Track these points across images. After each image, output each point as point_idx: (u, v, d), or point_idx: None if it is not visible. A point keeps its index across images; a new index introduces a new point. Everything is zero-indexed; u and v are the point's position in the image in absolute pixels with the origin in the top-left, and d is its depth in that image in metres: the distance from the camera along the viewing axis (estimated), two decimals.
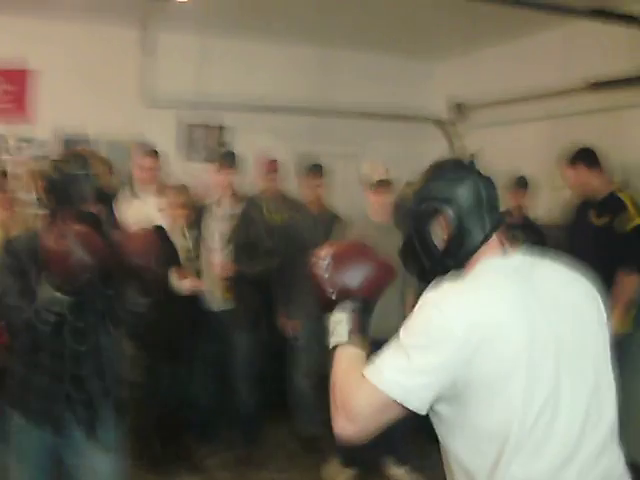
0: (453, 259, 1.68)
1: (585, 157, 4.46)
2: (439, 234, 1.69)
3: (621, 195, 4.39)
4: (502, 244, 1.70)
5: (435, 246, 1.70)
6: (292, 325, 4.96)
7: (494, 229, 1.69)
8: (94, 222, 2.48)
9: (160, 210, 4.53)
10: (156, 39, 5.97)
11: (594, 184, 4.45)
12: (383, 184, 4.47)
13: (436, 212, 1.69)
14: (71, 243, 2.30)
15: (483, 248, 1.67)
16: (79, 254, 2.30)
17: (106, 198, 2.62)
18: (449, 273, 1.68)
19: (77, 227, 2.37)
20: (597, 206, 4.48)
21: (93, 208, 2.52)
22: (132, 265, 2.53)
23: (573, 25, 5.18)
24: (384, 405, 1.52)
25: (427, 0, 4.26)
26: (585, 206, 4.58)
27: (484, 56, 6.49)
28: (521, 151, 5.89)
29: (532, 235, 4.97)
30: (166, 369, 4.45)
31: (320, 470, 4.64)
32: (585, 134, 4.61)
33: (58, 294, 2.36)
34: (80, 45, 5.91)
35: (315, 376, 4.73)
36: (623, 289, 4.23)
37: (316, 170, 5.12)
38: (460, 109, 6.75)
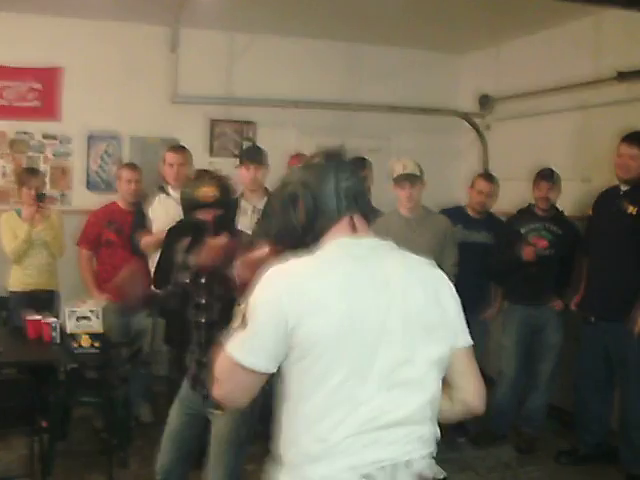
0: (310, 237, 1.86)
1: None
2: (299, 214, 1.87)
3: None
4: (354, 227, 1.87)
5: (295, 225, 1.88)
6: None
7: (347, 212, 1.86)
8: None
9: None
10: (183, 36, 5.99)
11: (635, 168, 4.40)
12: (408, 178, 4.45)
13: (296, 195, 1.87)
14: None
15: (335, 228, 1.85)
16: None
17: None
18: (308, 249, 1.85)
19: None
20: (626, 192, 4.45)
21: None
22: None
23: (602, 14, 5.10)
24: (233, 368, 1.74)
25: None
26: (615, 194, 4.54)
27: (511, 48, 6.42)
28: (549, 143, 5.82)
29: (560, 227, 4.92)
30: None
31: None
32: (614, 125, 4.54)
33: None
34: (108, 43, 5.96)
35: None
36: None
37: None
38: (487, 101, 6.68)
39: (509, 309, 5.21)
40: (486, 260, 5.04)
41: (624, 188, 4.49)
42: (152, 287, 4.53)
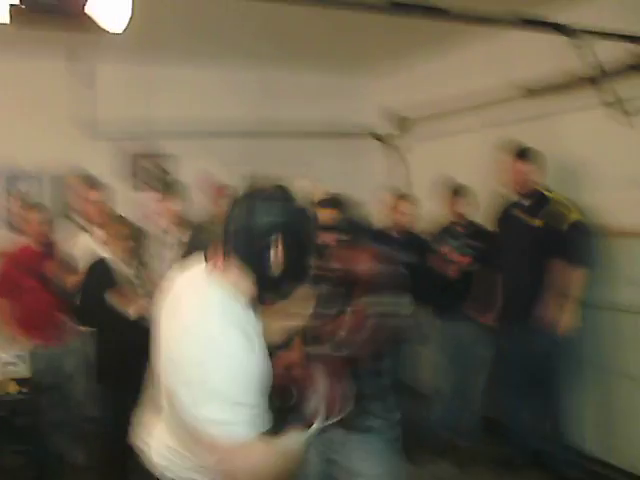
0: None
1: (530, 154, 4.65)
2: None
3: (550, 195, 4.59)
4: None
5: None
6: None
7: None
8: None
9: (103, 242, 4.50)
10: (93, 70, 5.93)
11: (532, 182, 4.63)
12: (332, 201, 4.49)
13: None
14: None
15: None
16: None
17: None
18: None
19: None
20: (528, 206, 4.65)
21: None
22: None
23: (504, 35, 5.27)
24: None
25: (358, 18, 4.30)
26: (513, 206, 4.74)
27: (417, 69, 6.59)
28: (464, 161, 5.96)
29: (482, 241, 5.04)
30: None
31: None
32: (524, 140, 4.71)
33: None
34: (23, 80, 5.89)
35: None
36: (573, 284, 4.40)
37: None
38: (396, 121, 6.84)
39: (441, 326, 5.29)
40: (414, 279, 5.11)
41: (526, 202, 4.68)
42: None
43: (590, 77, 4.55)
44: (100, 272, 4.25)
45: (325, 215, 3.04)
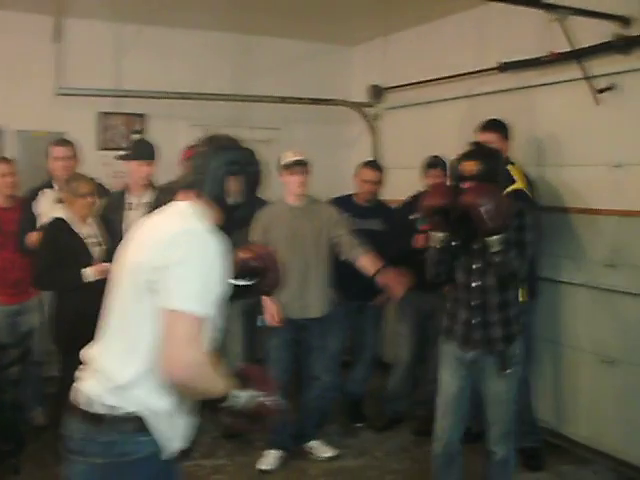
0: None
1: (500, 126, 4.56)
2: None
3: (508, 168, 4.45)
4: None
5: None
6: None
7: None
8: None
9: (58, 201, 4.41)
10: (67, 26, 5.79)
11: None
12: (300, 163, 4.48)
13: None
14: None
15: None
16: None
17: None
18: None
19: None
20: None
21: None
22: None
23: (485, 8, 5.26)
24: None
25: None
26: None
27: (399, 39, 6.54)
28: (437, 131, 5.97)
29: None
30: None
31: (244, 454, 4.71)
32: (498, 113, 4.69)
33: None
34: None
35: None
36: None
37: None
38: (377, 91, 6.79)
39: (403, 296, 5.30)
40: (377, 247, 5.13)
41: None
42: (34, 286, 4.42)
43: (565, 53, 4.55)
44: (55, 232, 4.17)
45: (468, 166, 3.34)
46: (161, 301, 1.96)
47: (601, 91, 4.44)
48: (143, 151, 4.83)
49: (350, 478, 4.43)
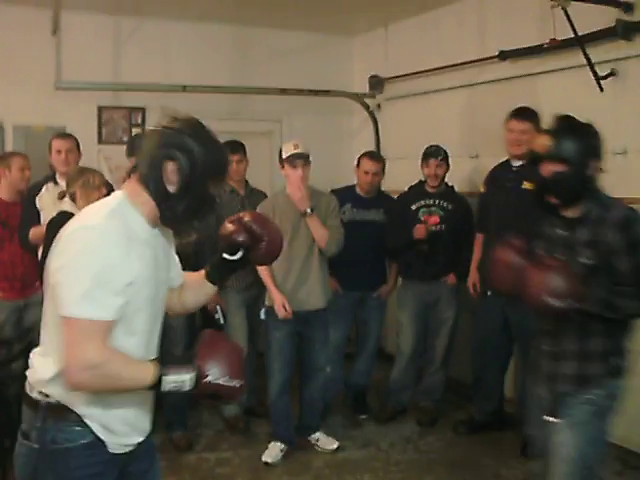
0: None
1: (535, 116, 4.47)
2: None
3: None
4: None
5: None
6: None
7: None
8: None
9: (61, 197, 4.38)
10: (65, 19, 5.75)
11: (526, 142, 4.34)
12: (301, 156, 4.42)
13: None
14: None
15: None
16: None
17: None
18: None
19: None
20: (524, 171, 4.43)
21: None
22: None
23: None
24: None
25: None
26: (508, 170, 4.63)
27: (399, 29, 6.51)
28: (438, 121, 5.95)
29: (451, 202, 5.02)
30: None
31: (248, 447, 4.71)
32: (499, 102, 4.67)
33: None
34: None
35: None
36: None
37: (234, 148, 5.02)
38: (377, 81, 6.75)
39: (404, 286, 5.29)
40: (380, 237, 5.11)
41: (516, 164, 4.56)
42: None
43: (567, 39, 4.50)
44: (63, 225, 4.14)
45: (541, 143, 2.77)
46: (56, 307, 1.93)
47: (603, 78, 4.41)
48: (138, 143, 4.80)
49: (354, 469, 4.42)
